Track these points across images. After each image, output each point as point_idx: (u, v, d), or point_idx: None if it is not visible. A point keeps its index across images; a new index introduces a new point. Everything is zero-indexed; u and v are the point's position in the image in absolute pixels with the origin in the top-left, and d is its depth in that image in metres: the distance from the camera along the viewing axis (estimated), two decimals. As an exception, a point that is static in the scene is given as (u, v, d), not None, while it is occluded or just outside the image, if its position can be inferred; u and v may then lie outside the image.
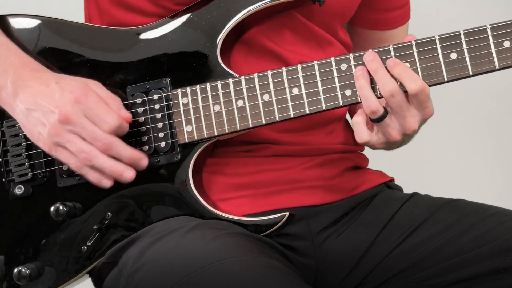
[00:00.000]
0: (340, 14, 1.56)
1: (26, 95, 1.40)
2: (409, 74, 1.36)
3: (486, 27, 1.36)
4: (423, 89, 1.35)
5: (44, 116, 1.38)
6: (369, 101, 1.37)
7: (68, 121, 1.37)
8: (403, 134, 1.39)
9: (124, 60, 1.48)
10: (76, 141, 1.38)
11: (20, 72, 1.42)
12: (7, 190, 1.49)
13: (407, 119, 1.37)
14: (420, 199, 1.58)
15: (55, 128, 1.38)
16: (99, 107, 1.38)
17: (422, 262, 1.49)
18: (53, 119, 1.37)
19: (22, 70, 1.42)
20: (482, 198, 1.59)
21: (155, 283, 1.33)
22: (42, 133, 1.39)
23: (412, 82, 1.35)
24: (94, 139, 1.38)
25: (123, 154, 1.40)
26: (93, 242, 1.46)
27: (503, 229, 1.47)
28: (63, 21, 1.51)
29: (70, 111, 1.37)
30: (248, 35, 1.48)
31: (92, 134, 1.37)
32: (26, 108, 1.40)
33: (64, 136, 1.38)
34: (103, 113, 1.38)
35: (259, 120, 1.43)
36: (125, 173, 1.40)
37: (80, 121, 1.37)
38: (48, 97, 1.38)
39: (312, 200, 1.52)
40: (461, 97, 2.55)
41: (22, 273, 1.46)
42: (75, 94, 1.38)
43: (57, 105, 1.37)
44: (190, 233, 1.37)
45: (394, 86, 1.36)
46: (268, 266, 1.31)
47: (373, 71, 1.38)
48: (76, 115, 1.37)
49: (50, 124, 1.38)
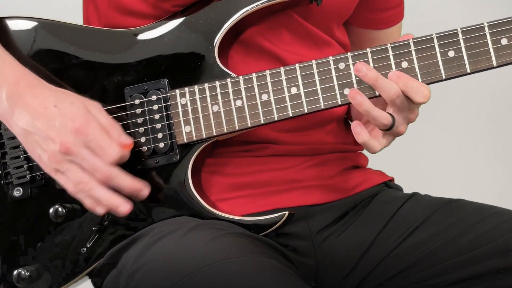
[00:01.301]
0: (337, 14, 1.57)
1: (24, 115, 1.38)
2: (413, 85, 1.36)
3: (483, 24, 1.37)
4: (428, 97, 1.37)
5: (44, 142, 1.37)
6: (381, 119, 1.37)
7: (68, 152, 1.36)
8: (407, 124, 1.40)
9: (122, 61, 1.48)
10: (75, 171, 1.37)
11: (15, 87, 1.40)
12: (5, 192, 1.49)
13: (410, 111, 1.39)
14: (420, 199, 1.58)
15: (55, 157, 1.37)
16: (100, 137, 1.37)
17: (422, 262, 1.49)
18: (54, 148, 1.36)
19: (17, 85, 1.40)
20: (482, 198, 1.59)
21: (155, 283, 1.32)
22: (42, 156, 1.38)
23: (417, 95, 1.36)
24: (95, 171, 1.37)
25: (123, 186, 1.39)
26: (92, 243, 1.46)
27: (503, 229, 1.47)
28: (61, 23, 1.51)
29: (71, 143, 1.36)
30: (246, 35, 1.48)
31: (93, 166, 1.37)
32: (24, 129, 1.38)
33: (64, 165, 1.37)
34: (105, 145, 1.37)
35: (257, 120, 1.43)
36: (121, 207, 1.39)
37: (81, 152, 1.36)
38: (47, 123, 1.37)
39: (312, 200, 1.52)
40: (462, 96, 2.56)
41: (21, 275, 1.46)
42: (76, 123, 1.37)
43: (58, 134, 1.36)
44: (190, 233, 1.37)
45: (396, 90, 1.36)
46: (267, 266, 1.31)
47: (373, 81, 1.37)
48: (77, 147, 1.36)
49: (50, 151, 1.37)
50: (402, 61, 1.39)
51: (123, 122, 1.46)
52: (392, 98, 1.36)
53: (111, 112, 1.46)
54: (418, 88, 1.36)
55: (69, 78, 1.48)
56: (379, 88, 1.37)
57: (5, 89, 1.40)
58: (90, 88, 1.48)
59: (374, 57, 1.40)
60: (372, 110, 1.37)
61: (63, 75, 1.48)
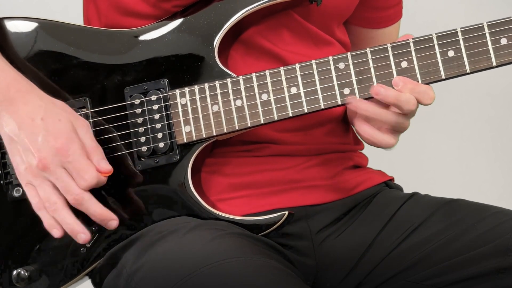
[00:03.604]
0: (337, 14, 1.57)
1: (10, 122, 1.38)
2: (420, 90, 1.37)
3: (483, 24, 1.37)
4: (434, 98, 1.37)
5: (24, 154, 1.37)
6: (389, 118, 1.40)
7: (45, 169, 1.36)
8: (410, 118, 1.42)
9: (122, 62, 1.48)
10: (46, 189, 1.37)
11: (5, 92, 1.39)
12: (5, 192, 1.49)
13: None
14: (420, 199, 1.58)
15: (31, 170, 1.37)
16: (79, 160, 1.37)
17: (422, 262, 1.48)
18: (32, 161, 1.36)
19: (8, 90, 1.40)
20: (482, 198, 1.59)
21: (154, 283, 1.33)
22: (20, 166, 1.39)
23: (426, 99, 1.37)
24: (67, 192, 1.37)
25: (92, 212, 1.39)
26: (92, 243, 1.46)
27: (503, 229, 1.46)
28: (61, 24, 1.51)
29: (49, 161, 1.36)
30: (246, 35, 1.48)
31: (66, 187, 1.37)
32: (9, 135, 1.38)
33: (37, 179, 1.37)
34: (82, 169, 1.37)
35: (257, 119, 1.43)
36: (79, 235, 1.38)
37: (57, 171, 1.36)
38: (31, 135, 1.37)
39: (312, 200, 1.52)
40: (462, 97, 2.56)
41: (21, 275, 1.46)
42: (57, 142, 1.36)
43: (38, 149, 1.36)
44: (189, 233, 1.37)
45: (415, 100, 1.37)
46: (267, 267, 1.31)
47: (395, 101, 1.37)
48: (55, 166, 1.36)
49: (27, 163, 1.37)
50: (401, 61, 1.39)
51: (123, 122, 1.46)
52: (412, 109, 1.38)
53: (111, 111, 1.46)
54: (425, 92, 1.37)
55: (69, 79, 1.48)
56: (401, 106, 1.37)
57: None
58: (90, 88, 1.48)
59: (373, 57, 1.40)
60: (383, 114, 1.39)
61: (63, 76, 1.48)
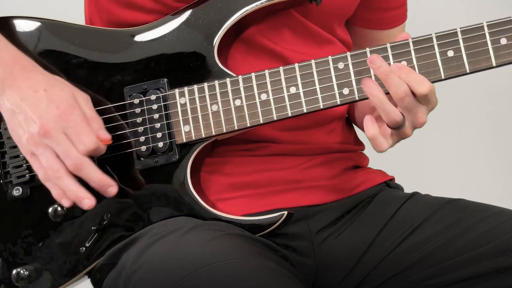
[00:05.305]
0: (338, 13, 1.56)
1: (13, 96, 1.40)
2: (415, 77, 1.36)
3: (482, 24, 1.36)
4: (431, 89, 1.36)
5: (26, 123, 1.39)
6: (393, 114, 1.36)
7: (46, 135, 1.37)
8: (413, 128, 1.39)
9: (122, 61, 1.48)
10: (48, 156, 1.38)
11: (10, 69, 1.42)
12: (5, 191, 1.49)
13: (418, 115, 1.38)
14: (421, 199, 1.58)
15: (33, 138, 1.38)
16: (80, 126, 1.38)
17: (422, 262, 1.48)
18: (33, 129, 1.38)
19: (12, 68, 1.42)
20: (482, 198, 1.59)
21: (153, 284, 1.32)
22: (21, 137, 1.40)
23: (420, 85, 1.35)
24: (66, 157, 1.38)
25: (92, 177, 1.39)
26: (91, 243, 1.46)
27: (503, 229, 1.46)
28: (61, 23, 1.51)
29: (50, 127, 1.37)
30: (246, 34, 1.48)
31: (66, 152, 1.38)
32: (11, 108, 1.40)
33: (39, 148, 1.38)
34: (82, 133, 1.38)
35: (256, 119, 1.42)
36: (84, 201, 1.39)
37: (58, 136, 1.37)
38: (33, 105, 1.38)
39: (312, 200, 1.52)
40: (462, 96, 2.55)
41: (20, 275, 1.46)
42: (60, 109, 1.38)
43: (40, 115, 1.38)
44: (188, 234, 1.37)
45: (406, 88, 1.36)
46: (265, 268, 1.31)
47: (384, 76, 1.36)
48: (56, 131, 1.37)
49: (29, 133, 1.38)
50: (401, 61, 1.38)
51: (122, 121, 1.46)
52: (401, 96, 1.35)
53: (110, 111, 1.46)
54: (419, 78, 1.36)
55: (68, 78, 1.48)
56: (389, 84, 1.36)
57: (1, 70, 1.42)
58: (89, 87, 1.48)
59: (373, 57, 1.39)
60: (385, 102, 1.36)
61: (62, 75, 1.48)
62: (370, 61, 1.37)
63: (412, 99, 1.36)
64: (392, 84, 1.36)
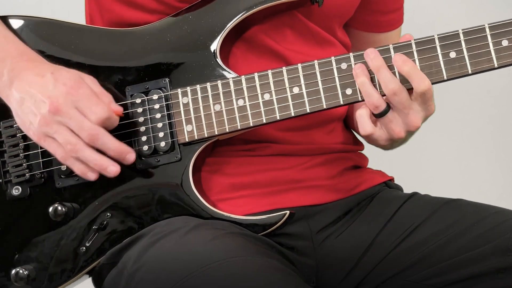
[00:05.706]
0: (339, 15, 1.57)
1: (21, 84, 1.41)
2: (418, 73, 1.37)
3: (484, 26, 1.37)
4: (429, 88, 1.36)
5: (36, 106, 1.39)
6: (372, 97, 1.38)
7: (58, 112, 1.38)
8: (406, 131, 1.40)
9: (123, 61, 1.48)
10: (64, 132, 1.38)
11: (17, 61, 1.43)
12: (4, 191, 1.49)
13: (410, 116, 1.38)
14: (420, 199, 1.58)
15: (45, 118, 1.38)
16: (89, 98, 1.39)
17: (422, 262, 1.49)
18: (44, 109, 1.38)
19: (19, 59, 1.43)
20: (482, 198, 1.59)
21: (155, 283, 1.33)
22: (32, 122, 1.40)
23: (421, 82, 1.36)
24: (81, 129, 1.38)
25: (109, 146, 1.40)
26: (92, 242, 1.45)
27: (503, 229, 1.47)
28: (62, 23, 1.51)
29: (61, 102, 1.38)
30: (248, 34, 1.48)
31: (79, 124, 1.38)
32: (20, 96, 1.40)
33: (52, 126, 1.38)
34: (93, 104, 1.38)
35: (259, 119, 1.43)
36: (109, 168, 1.40)
37: (69, 111, 1.38)
38: (41, 87, 1.39)
39: (312, 200, 1.52)
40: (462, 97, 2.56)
41: (19, 275, 1.46)
42: (67, 86, 1.39)
43: (49, 95, 1.38)
44: (190, 233, 1.37)
45: (397, 85, 1.37)
46: (267, 267, 1.31)
47: (375, 69, 1.38)
48: (66, 106, 1.38)
49: (40, 114, 1.38)
50: None
51: (124, 121, 1.45)
52: (390, 93, 1.37)
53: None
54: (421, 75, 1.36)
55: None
56: (380, 78, 1.37)
57: (8, 62, 1.43)
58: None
59: (375, 58, 1.40)
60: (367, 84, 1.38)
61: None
62: (365, 54, 1.38)
63: (403, 97, 1.37)
64: (382, 78, 1.37)
